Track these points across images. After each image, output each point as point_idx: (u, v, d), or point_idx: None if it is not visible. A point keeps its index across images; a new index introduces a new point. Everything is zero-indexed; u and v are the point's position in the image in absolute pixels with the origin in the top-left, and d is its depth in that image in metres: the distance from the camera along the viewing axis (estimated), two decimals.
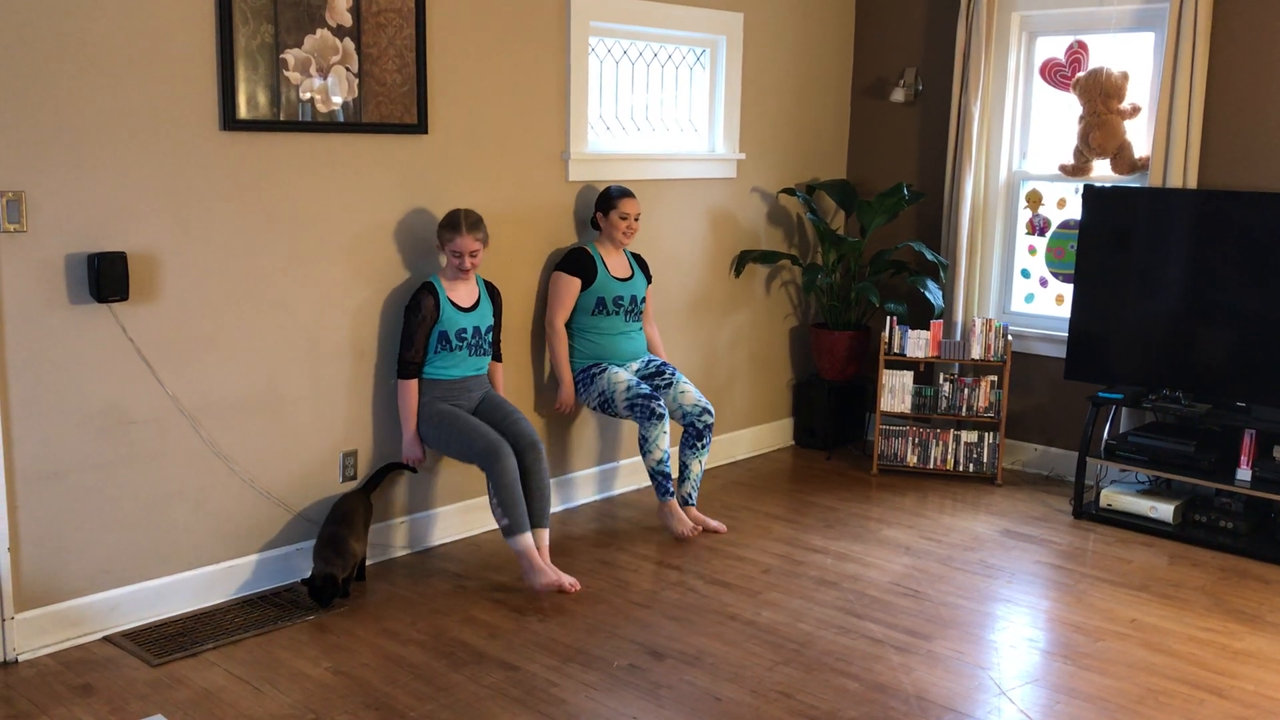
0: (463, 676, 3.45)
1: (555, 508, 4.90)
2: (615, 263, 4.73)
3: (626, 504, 5.10)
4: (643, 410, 4.54)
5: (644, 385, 4.59)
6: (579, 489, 5.08)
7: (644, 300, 4.83)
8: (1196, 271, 4.84)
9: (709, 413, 4.72)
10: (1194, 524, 4.82)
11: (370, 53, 4.03)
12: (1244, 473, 4.67)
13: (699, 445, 4.72)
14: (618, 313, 4.71)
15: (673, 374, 4.79)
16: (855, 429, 6.11)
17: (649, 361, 4.85)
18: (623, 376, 4.62)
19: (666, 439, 4.59)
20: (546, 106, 4.66)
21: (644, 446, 4.59)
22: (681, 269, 5.36)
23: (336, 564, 3.84)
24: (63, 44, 3.34)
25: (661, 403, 4.56)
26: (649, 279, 4.88)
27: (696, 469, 4.74)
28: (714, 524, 4.73)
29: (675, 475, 5.09)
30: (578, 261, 4.64)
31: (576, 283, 4.63)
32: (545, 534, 4.16)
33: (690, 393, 4.74)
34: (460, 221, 4.10)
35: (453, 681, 3.42)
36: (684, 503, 4.76)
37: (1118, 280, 5.03)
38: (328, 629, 3.75)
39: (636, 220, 4.69)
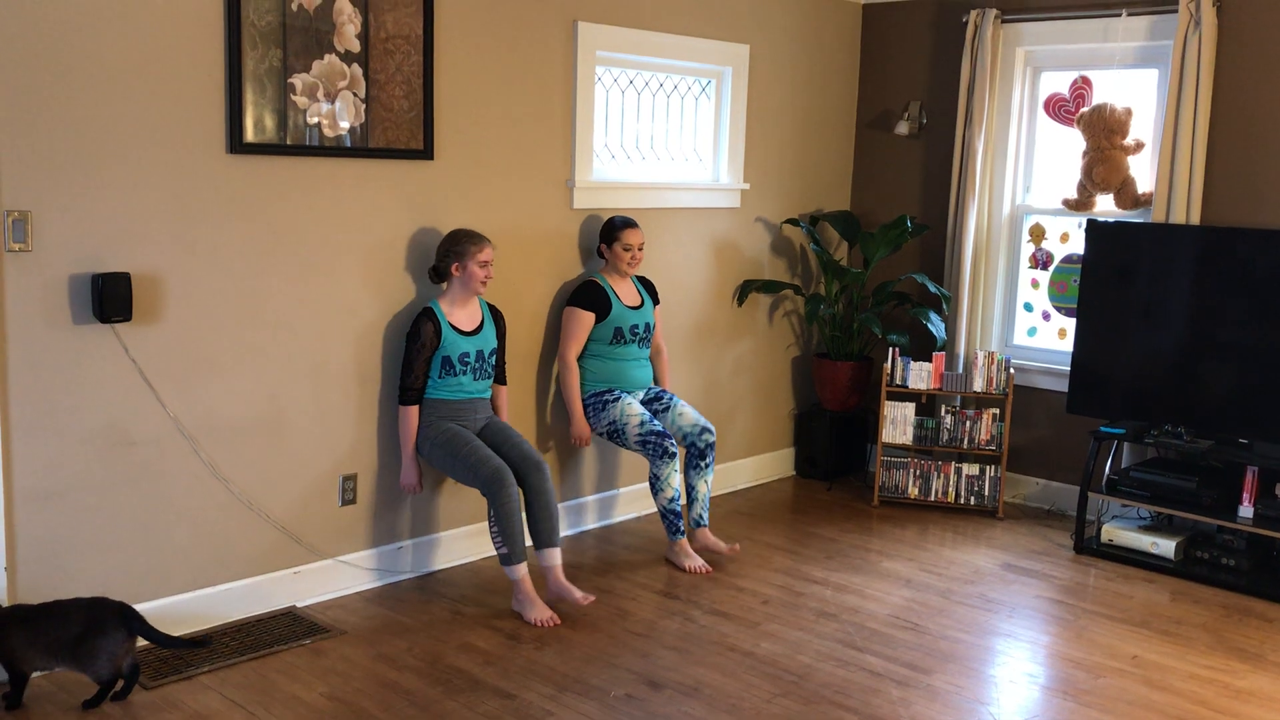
0: (458, 704, 3.43)
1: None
2: (625, 292, 4.74)
3: (627, 531, 5.08)
4: (655, 448, 4.53)
5: (656, 422, 4.58)
6: (579, 516, 5.07)
7: (654, 325, 4.84)
8: (1199, 307, 4.84)
9: (709, 431, 4.71)
10: (1196, 561, 4.80)
11: (378, 79, 4.05)
12: (1246, 510, 4.65)
13: (702, 465, 4.70)
14: (633, 341, 4.72)
15: (670, 399, 4.79)
16: (856, 460, 6.10)
17: (649, 390, 4.85)
18: (635, 409, 4.60)
19: (678, 478, 4.57)
20: (552, 134, 4.68)
21: (655, 485, 4.58)
22: (685, 297, 5.37)
23: None
24: (71, 65, 3.36)
25: (673, 441, 4.55)
26: (656, 301, 4.89)
27: (703, 489, 4.73)
28: (725, 547, 4.71)
29: (684, 500, 5.06)
30: (590, 295, 4.64)
31: (590, 317, 4.63)
32: (557, 553, 4.15)
33: (688, 413, 4.74)
34: (477, 234, 4.16)
35: (448, 709, 3.39)
36: (695, 525, 4.74)
37: (1120, 315, 5.03)
38: (324, 654, 3.73)
39: (640, 250, 4.70)
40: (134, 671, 3.36)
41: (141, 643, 3.55)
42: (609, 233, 4.70)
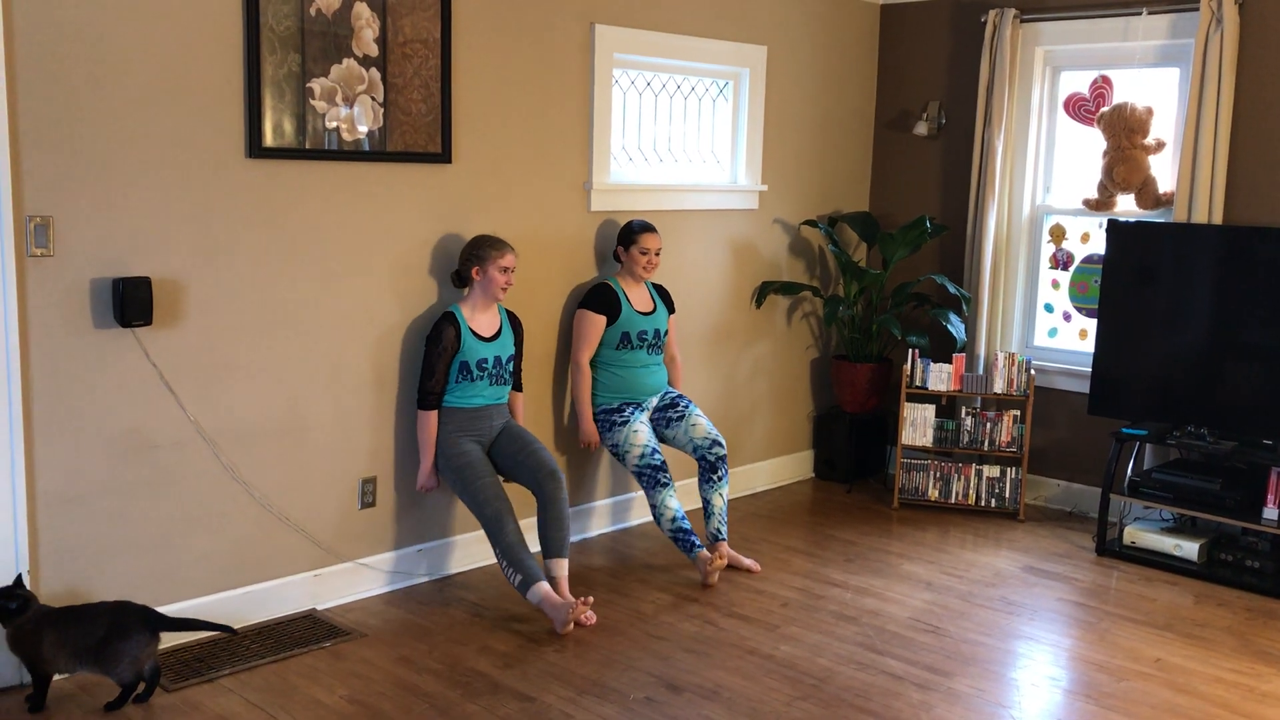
0: (478, 707, 3.43)
1: (571, 538, 4.88)
2: (637, 296, 4.72)
3: (643, 535, 5.07)
4: (649, 480, 4.51)
5: (658, 454, 4.54)
6: (595, 520, 5.07)
7: (666, 333, 4.81)
8: (1221, 307, 4.80)
9: (719, 444, 4.69)
10: (1220, 563, 4.76)
11: (396, 83, 4.06)
12: (1270, 511, 4.61)
13: (715, 478, 4.68)
14: (642, 347, 4.70)
15: (686, 406, 4.77)
16: (876, 462, 6.08)
17: (665, 394, 4.83)
18: (641, 437, 4.56)
19: (674, 499, 4.51)
20: (570, 137, 4.69)
21: (655, 513, 4.53)
22: (703, 300, 5.36)
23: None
24: (91, 72, 3.38)
25: (668, 474, 4.52)
26: (671, 309, 4.87)
27: (719, 503, 4.69)
28: (747, 562, 4.64)
29: (691, 511, 5.04)
30: (602, 298, 4.63)
31: (602, 320, 4.62)
32: (564, 564, 4.14)
33: (701, 425, 4.71)
34: (500, 240, 4.17)
35: (468, 712, 3.40)
36: (714, 539, 4.67)
37: (1142, 315, 5.00)
38: (344, 657, 3.74)
39: (657, 255, 4.68)
40: (155, 674, 3.38)
41: (163, 645, 3.58)
42: (627, 236, 4.69)
